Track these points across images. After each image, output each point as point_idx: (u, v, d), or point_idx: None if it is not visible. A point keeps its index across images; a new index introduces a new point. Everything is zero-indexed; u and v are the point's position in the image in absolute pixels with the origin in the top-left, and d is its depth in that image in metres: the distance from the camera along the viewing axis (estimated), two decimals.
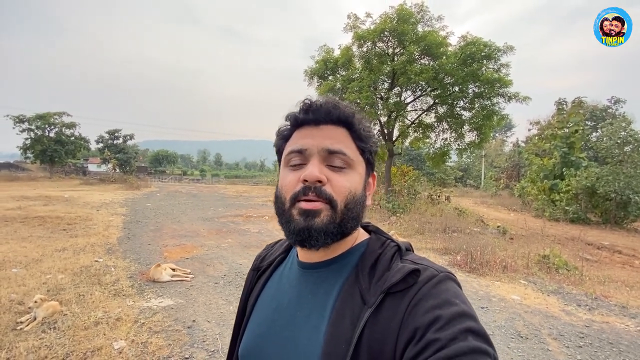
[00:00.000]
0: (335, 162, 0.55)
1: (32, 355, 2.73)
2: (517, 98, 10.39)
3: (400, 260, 0.55)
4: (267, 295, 0.65)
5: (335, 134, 0.57)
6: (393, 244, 0.59)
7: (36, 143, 26.26)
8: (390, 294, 0.50)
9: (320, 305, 0.55)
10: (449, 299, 0.47)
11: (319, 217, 0.53)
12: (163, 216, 10.94)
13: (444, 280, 0.50)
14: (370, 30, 11.42)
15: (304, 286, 0.60)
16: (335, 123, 0.57)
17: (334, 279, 0.57)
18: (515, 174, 25.83)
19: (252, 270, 0.73)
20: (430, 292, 0.48)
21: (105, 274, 4.84)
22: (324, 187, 0.53)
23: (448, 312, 0.45)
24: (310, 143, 0.56)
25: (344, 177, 0.55)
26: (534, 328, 3.73)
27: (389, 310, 0.48)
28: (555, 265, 6.55)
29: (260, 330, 0.60)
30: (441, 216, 11.74)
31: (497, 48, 10.26)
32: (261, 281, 0.68)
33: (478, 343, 0.43)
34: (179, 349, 2.96)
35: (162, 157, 50.57)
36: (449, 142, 12.87)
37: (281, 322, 0.58)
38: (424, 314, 0.46)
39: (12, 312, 3.50)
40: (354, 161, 0.57)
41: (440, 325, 0.44)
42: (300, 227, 0.53)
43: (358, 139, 0.58)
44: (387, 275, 0.52)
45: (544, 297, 4.80)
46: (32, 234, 7.23)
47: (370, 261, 0.56)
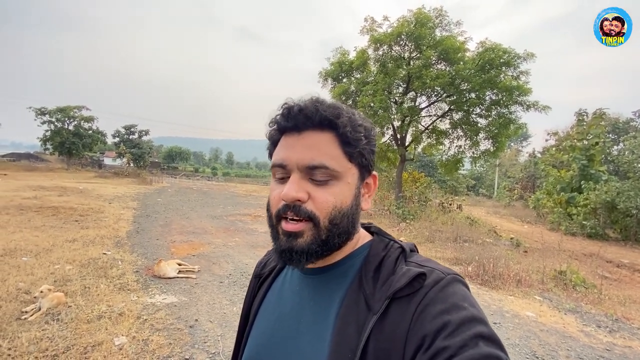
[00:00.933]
0: (318, 177, 0.51)
1: (33, 347, 2.71)
2: (536, 107, 10.09)
3: (404, 263, 0.53)
4: (270, 303, 0.63)
5: (317, 143, 0.52)
6: (397, 246, 0.56)
7: (56, 135, 26.99)
8: (396, 299, 0.48)
9: (324, 312, 0.53)
10: (457, 302, 0.45)
11: (302, 238, 0.51)
12: (173, 212, 11.01)
13: (451, 282, 0.48)
14: (387, 34, 11.29)
15: (306, 292, 0.58)
16: (318, 127, 0.52)
17: (337, 284, 0.55)
18: (530, 185, 25.19)
19: (254, 277, 0.71)
20: (437, 296, 0.46)
21: (112, 267, 4.85)
22: (304, 206, 0.51)
23: (457, 317, 0.43)
24: (290, 157, 0.52)
25: (327, 191, 0.52)
26: (550, 349, 3.53)
27: (395, 317, 0.47)
28: (572, 282, 6.28)
29: (263, 339, 0.58)
30: (452, 225, 11.47)
31: (517, 55, 9.99)
32: (263, 288, 0.66)
33: (489, 349, 0.41)
34: (180, 349, 2.90)
35: (176, 154, 51.33)
36: (463, 150, 12.59)
37: (284, 330, 0.56)
38: (432, 320, 0.44)
39: (18, 301, 3.51)
40: (339, 172, 0.52)
41: (449, 332, 0.42)
42: (283, 248, 0.52)
43: (345, 144, 0.53)
44: (392, 280, 0.50)
45: (560, 316, 4.57)
46: (45, 224, 7.34)
47: (374, 264, 0.53)
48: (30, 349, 2.67)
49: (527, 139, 51.18)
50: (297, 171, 0.52)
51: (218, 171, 56.33)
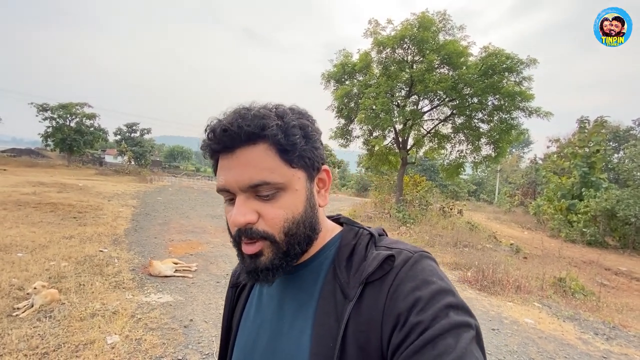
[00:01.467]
0: (263, 192, 0.50)
1: (23, 344, 2.67)
2: (539, 113, 10.06)
3: (375, 248, 0.53)
4: (250, 312, 0.62)
5: (252, 159, 0.49)
6: (366, 232, 0.57)
7: (57, 131, 27.00)
8: (370, 284, 0.49)
9: (303, 307, 0.54)
10: (426, 278, 0.46)
11: (263, 256, 0.51)
12: (172, 210, 10.98)
13: (419, 260, 0.49)
14: (390, 37, 11.29)
15: (284, 293, 0.58)
16: (249, 142, 0.49)
17: (313, 278, 0.55)
18: (531, 191, 25.12)
19: (230, 287, 0.69)
20: (407, 274, 0.47)
21: (108, 264, 4.81)
22: (255, 227, 0.50)
23: (427, 292, 0.44)
24: (229, 180, 0.50)
25: (275, 205, 0.50)
26: (548, 356, 3.49)
27: (370, 300, 0.47)
28: (571, 290, 6.23)
29: (247, 348, 0.58)
30: (452, 229, 11.43)
31: (520, 60, 9.97)
32: (242, 297, 0.66)
33: (459, 317, 0.43)
34: (173, 349, 2.86)
35: (177, 153, 51.39)
36: (464, 155, 12.56)
37: (267, 335, 0.56)
38: (404, 298, 0.45)
39: (10, 297, 3.48)
40: (282, 183, 0.50)
41: (421, 307, 0.43)
42: (249, 269, 0.52)
43: (282, 152, 0.50)
44: (364, 265, 0.50)
45: (559, 323, 4.52)
46: (43, 220, 7.31)
47: (346, 254, 0.54)
48: (20, 346, 2.63)
49: (529, 145, 51.14)
50: (241, 192, 0.50)
51: None
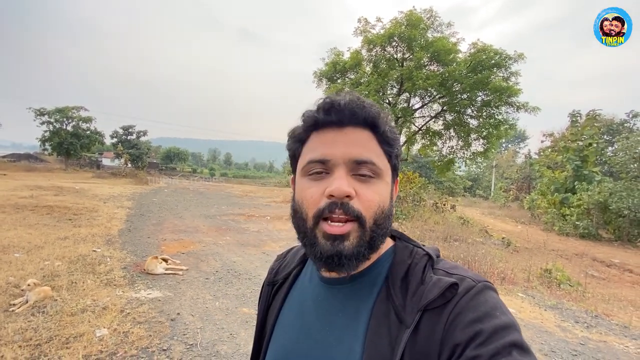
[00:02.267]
0: (363, 172, 0.50)
1: (18, 336, 2.80)
2: (526, 108, 10.20)
3: (432, 271, 0.51)
4: (290, 313, 0.60)
5: (361, 139, 0.51)
6: (422, 252, 0.54)
7: (54, 135, 27.11)
8: (428, 310, 0.47)
9: (352, 324, 0.51)
10: (489, 311, 0.44)
11: (348, 241, 0.49)
12: (166, 211, 11.10)
13: (482, 290, 0.47)
14: (379, 35, 11.41)
15: (330, 304, 0.55)
16: (361, 125, 0.51)
17: (364, 295, 0.53)
18: (526, 186, 25.31)
19: (268, 284, 0.68)
20: (468, 304, 0.45)
21: (100, 263, 4.93)
22: (352, 203, 0.48)
23: (489, 326, 0.42)
24: (335, 152, 0.50)
25: (372, 189, 0.50)
26: None
27: (427, 329, 0.45)
28: (557, 280, 6.38)
29: (285, 351, 0.56)
30: (444, 225, 11.58)
31: (508, 56, 10.11)
32: (280, 296, 0.64)
33: (522, 358, 0.39)
34: (159, 341, 2.99)
35: (174, 155, 51.41)
36: (454, 151, 12.70)
37: (310, 342, 0.54)
38: (464, 329, 0.43)
39: (7, 294, 3.60)
40: (382, 170, 0.51)
41: (482, 341, 0.41)
42: (329, 254, 0.49)
43: (385, 143, 0.53)
44: (422, 290, 0.48)
45: (540, 312, 4.67)
46: (39, 222, 7.43)
47: (401, 274, 0.52)
48: (15, 339, 2.76)
49: (525, 141, 51.25)
50: (343, 166, 0.49)
51: (216, 172, 56.42)
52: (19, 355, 2.51)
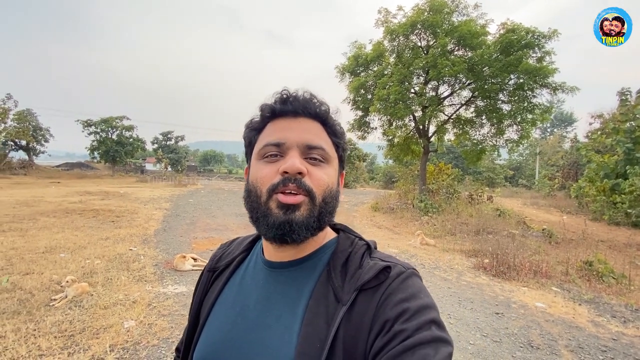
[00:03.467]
0: (314, 156, 0.56)
1: (55, 328, 3.12)
2: (564, 89, 9.41)
3: (370, 258, 0.56)
4: (228, 298, 0.62)
5: (312, 128, 0.57)
6: (362, 243, 0.60)
7: (101, 144, 29.41)
8: (363, 291, 0.51)
9: (292, 305, 0.55)
10: (415, 293, 0.50)
11: (299, 211, 0.53)
12: (201, 211, 11.65)
13: (410, 276, 0.53)
14: (401, 24, 11.08)
15: (273, 287, 0.58)
16: (312, 117, 0.58)
17: (305, 278, 0.57)
18: (573, 172, 23.43)
19: (208, 271, 0.70)
20: (399, 287, 0.51)
21: (135, 261, 5.32)
22: (304, 179, 0.53)
23: (414, 305, 0.48)
24: (289, 135, 0.55)
25: (322, 170, 0.56)
26: (550, 338, 3.41)
27: (361, 306, 0.50)
28: (598, 273, 5.88)
29: (220, 335, 0.58)
30: (478, 217, 11.07)
31: (541, 34, 9.37)
32: (219, 283, 0.65)
33: (440, 333, 0.46)
34: (179, 332, 3.18)
35: (210, 157, 53.70)
36: (484, 139, 12.04)
37: (246, 324, 0.56)
38: (393, 307, 0.48)
39: (49, 291, 4.01)
40: (330, 156, 0.58)
41: (407, 317, 0.47)
42: (281, 220, 0.52)
43: (333, 135, 0.59)
44: (359, 273, 0.53)
45: (573, 307, 4.34)
46: (85, 224, 8.14)
47: (342, 259, 0.56)
48: (52, 330, 3.08)
49: (572, 124, 47.40)
50: (296, 148, 0.55)
51: None
52: (53, 344, 2.80)
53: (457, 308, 4.10)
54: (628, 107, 14.94)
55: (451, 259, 6.67)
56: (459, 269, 5.89)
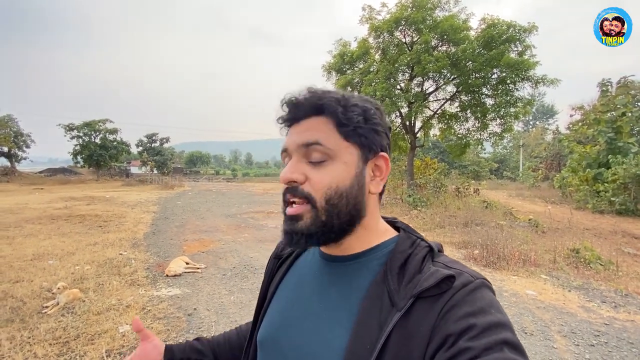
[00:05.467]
0: (314, 156, 0.53)
1: (49, 335, 3.04)
2: (545, 81, 9.66)
3: (432, 263, 0.52)
4: (289, 284, 0.64)
5: (313, 125, 0.54)
6: (424, 244, 0.56)
7: (84, 149, 28.70)
8: (421, 298, 0.47)
9: (345, 300, 0.53)
10: (484, 307, 0.45)
11: (301, 221, 0.53)
12: (189, 213, 11.50)
13: (479, 287, 0.48)
14: (385, 21, 11.16)
15: (327, 278, 0.58)
16: (313, 113, 0.55)
17: (360, 275, 0.55)
18: (556, 164, 24.11)
19: (274, 258, 0.72)
20: (464, 299, 0.46)
21: (125, 265, 5.22)
22: (302, 187, 0.52)
23: (483, 321, 0.43)
24: (289, 141, 0.56)
25: (323, 171, 0.53)
26: (542, 324, 3.51)
27: (419, 315, 0.46)
28: (586, 260, 6.08)
29: (280, 318, 0.60)
30: (467, 209, 11.28)
31: (522, 28, 9.59)
32: (282, 269, 0.68)
33: (514, 356, 0.40)
34: (176, 334, 3.15)
35: (196, 158, 52.97)
36: (469, 133, 12.27)
37: (303, 312, 0.57)
38: (457, 321, 0.44)
39: (40, 298, 3.90)
40: (333, 150, 0.53)
41: (474, 334, 0.42)
42: (285, 231, 0.55)
43: (339, 124, 0.54)
44: (418, 278, 0.49)
45: (563, 293, 4.48)
46: (72, 230, 7.93)
47: (400, 261, 0.53)
48: (46, 337, 3.00)
49: (554, 116, 48.67)
50: (296, 153, 0.55)
51: (237, 172, 57.63)
52: (49, 352, 2.74)
53: None
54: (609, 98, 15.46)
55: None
56: None
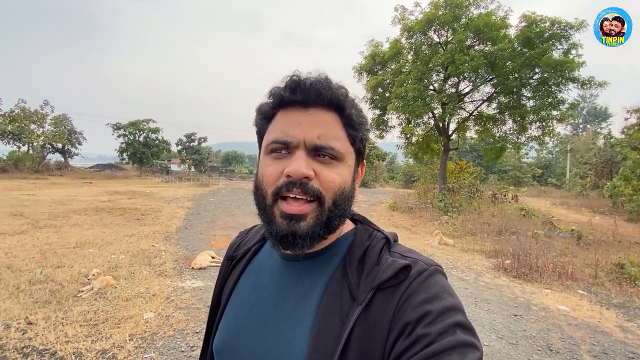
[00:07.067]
0: (324, 155, 0.50)
1: (81, 317, 3.31)
2: (592, 84, 8.92)
3: (389, 254, 0.52)
4: (245, 287, 0.61)
5: (325, 122, 0.51)
6: (381, 236, 0.56)
7: (129, 146, 30.76)
8: (380, 290, 0.48)
9: (306, 299, 0.52)
10: (438, 293, 0.46)
11: (305, 221, 0.49)
12: (221, 210, 11.95)
13: (433, 274, 0.49)
14: (418, 21, 10.90)
15: (286, 278, 0.56)
16: (326, 106, 0.51)
17: (320, 271, 0.54)
18: (607, 171, 22.16)
19: (226, 259, 0.69)
20: (420, 286, 0.47)
21: (156, 256, 5.55)
22: (311, 183, 0.49)
23: (437, 307, 0.44)
24: (297, 133, 0.50)
25: (332, 170, 0.50)
26: (571, 342, 3.26)
27: (379, 307, 0.47)
28: (632, 277, 5.55)
29: (238, 323, 0.57)
30: (501, 217, 10.70)
31: (568, 24, 8.92)
32: (236, 271, 0.64)
33: (466, 337, 0.42)
34: (194, 324, 3.30)
35: (232, 158, 54.86)
36: (506, 136, 11.61)
37: (262, 315, 0.55)
38: (414, 309, 0.45)
39: (78, 283, 4.25)
40: (343, 154, 0.51)
41: (430, 320, 0.43)
42: (284, 232, 0.49)
43: (349, 126, 0.52)
44: (376, 271, 0.49)
45: (600, 310, 4.13)
46: (113, 222, 8.55)
47: (358, 254, 0.53)
48: (78, 319, 3.27)
49: (607, 119, 44.87)
50: (304, 149, 0.50)
51: None
52: (78, 332, 2.98)
53: (472, 309, 4.00)
54: None
55: (470, 259, 6.50)
56: (477, 270, 5.74)
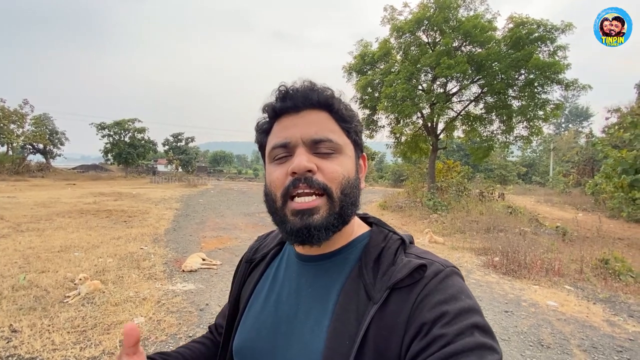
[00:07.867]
0: (322, 150, 0.53)
1: (68, 324, 3.20)
2: (576, 87, 9.18)
3: (404, 254, 0.53)
4: (263, 289, 0.63)
5: (318, 119, 0.54)
6: (396, 237, 0.57)
7: (114, 147, 30.09)
8: (396, 290, 0.49)
9: (322, 299, 0.54)
10: (454, 294, 0.47)
11: (318, 214, 0.51)
12: (210, 211, 11.79)
13: (450, 275, 0.49)
14: (407, 21, 10.99)
15: (303, 279, 0.58)
16: (316, 107, 0.55)
17: (336, 272, 0.55)
18: (589, 169, 22.84)
19: (245, 262, 0.71)
20: (436, 287, 0.47)
21: (145, 259, 5.42)
22: (315, 177, 0.51)
23: (454, 308, 0.45)
24: (294, 133, 0.53)
25: (334, 162, 0.53)
26: (561, 337, 3.33)
27: (395, 306, 0.47)
28: (616, 272, 5.72)
29: (257, 324, 0.59)
30: (490, 215, 10.90)
31: (554, 26, 9.14)
32: (255, 274, 0.66)
33: (484, 339, 0.42)
34: (187, 328, 3.24)
35: (220, 158, 54.25)
36: (493, 135, 11.84)
37: (280, 316, 0.57)
38: (431, 309, 0.45)
39: (64, 288, 4.12)
40: (341, 145, 0.54)
41: (447, 321, 0.43)
42: (298, 227, 0.51)
43: (341, 120, 0.56)
44: (392, 270, 0.50)
45: (587, 305, 4.24)
46: (99, 224, 8.32)
47: (374, 255, 0.54)
48: (65, 326, 3.16)
49: (588, 119, 46.26)
50: (302, 146, 0.52)
51: (259, 172, 58.48)
52: (66, 339, 2.88)
53: None
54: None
55: (460, 257, 6.59)
56: (467, 267, 5.82)
